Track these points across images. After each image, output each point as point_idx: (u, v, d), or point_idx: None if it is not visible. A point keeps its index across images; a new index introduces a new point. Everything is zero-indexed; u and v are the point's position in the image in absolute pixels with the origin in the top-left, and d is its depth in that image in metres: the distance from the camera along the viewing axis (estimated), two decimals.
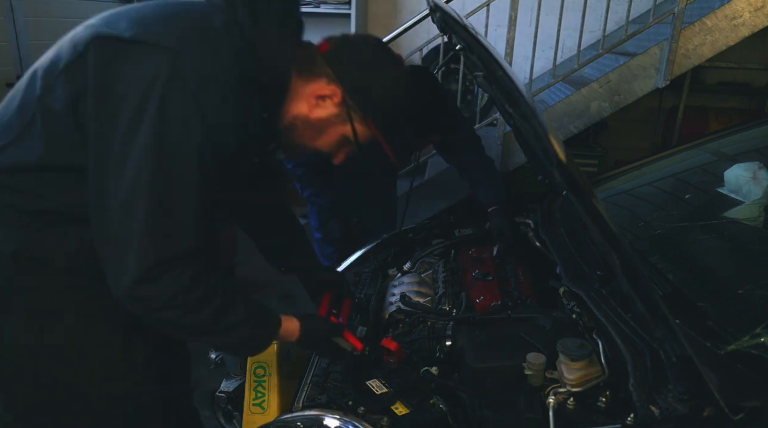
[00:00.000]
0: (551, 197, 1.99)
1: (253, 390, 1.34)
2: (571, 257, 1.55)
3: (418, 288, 1.72)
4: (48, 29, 3.65)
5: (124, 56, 0.97)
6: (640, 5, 3.89)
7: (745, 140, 2.09)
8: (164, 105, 0.94)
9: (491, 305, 1.55)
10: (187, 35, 1.00)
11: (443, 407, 1.22)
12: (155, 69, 0.95)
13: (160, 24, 1.00)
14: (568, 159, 0.86)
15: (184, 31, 1.00)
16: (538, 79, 4.03)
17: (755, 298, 1.29)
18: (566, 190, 0.99)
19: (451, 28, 1.38)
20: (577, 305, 1.34)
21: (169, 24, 1.01)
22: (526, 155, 1.76)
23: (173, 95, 0.95)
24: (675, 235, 1.70)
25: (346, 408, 1.22)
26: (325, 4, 4.32)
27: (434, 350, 1.36)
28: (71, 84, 0.98)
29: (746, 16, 3.06)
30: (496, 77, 1.07)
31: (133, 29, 0.98)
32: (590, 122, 3.37)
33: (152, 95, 0.94)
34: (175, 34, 0.99)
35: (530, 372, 1.16)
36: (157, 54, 0.96)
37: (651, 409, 1.01)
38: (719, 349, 1.08)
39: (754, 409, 0.95)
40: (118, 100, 0.95)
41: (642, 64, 3.18)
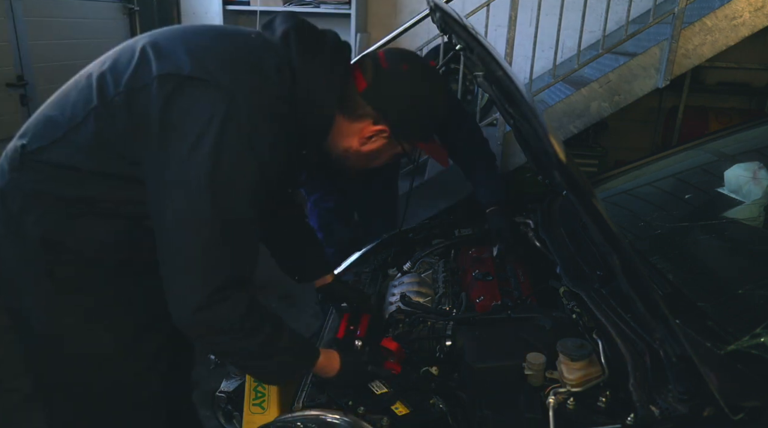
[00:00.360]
0: (551, 197, 1.99)
1: (253, 390, 1.34)
2: (571, 257, 1.55)
3: (418, 288, 1.72)
4: (48, 29, 3.65)
5: (183, 91, 1.02)
6: (640, 5, 3.89)
7: (745, 140, 2.09)
8: (221, 142, 1.00)
9: (491, 305, 1.55)
10: (244, 77, 1.05)
11: (443, 407, 1.22)
12: (212, 107, 1.00)
13: (218, 62, 1.05)
14: (568, 159, 0.86)
15: (240, 71, 1.06)
16: (538, 79, 4.03)
17: (755, 298, 1.29)
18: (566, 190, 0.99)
19: (451, 28, 1.37)
20: (577, 305, 1.34)
21: (226, 62, 1.06)
22: (526, 155, 1.76)
23: (229, 134, 1.00)
24: (675, 235, 1.70)
25: (346, 408, 1.22)
26: (325, 4, 4.32)
27: (434, 350, 1.36)
28: (130, 109, 1.04)
29: (746, 16, 3.06)
30: (496, 77, 1.07)
31: (192, 66, 1.03)
32: (590, 122, 3.36)
33: (209, 132, 0.99)
34: (232, 73, 1.04)
35: (530, 372, 1.16)
36: (214, 92, 1.01)
37: (651, 409, 1.01)
38: (719, 349, 1.08)
39: (754, 409, 0.95)
40: (176, 133, 1.01)
41: (642, 64, 3.18)
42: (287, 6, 4.39)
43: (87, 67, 1.15)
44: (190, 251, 1.01)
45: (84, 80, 1.11)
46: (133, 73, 1.05)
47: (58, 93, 1.15)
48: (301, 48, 1.12)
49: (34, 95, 3.50)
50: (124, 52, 1.11)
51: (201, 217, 1.00)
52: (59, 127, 1.08)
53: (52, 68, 3.68)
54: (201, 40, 1.11)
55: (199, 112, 1.01)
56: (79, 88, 1.10)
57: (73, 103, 1.09)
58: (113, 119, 1.05)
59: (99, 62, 1.13)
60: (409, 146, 1.27)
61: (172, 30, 1.14)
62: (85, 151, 1.07)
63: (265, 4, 4.37)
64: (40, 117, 1.14)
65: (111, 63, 1.09)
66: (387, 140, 1.23)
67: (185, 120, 1.01)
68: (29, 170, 1.09)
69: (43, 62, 3.60)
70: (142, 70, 1.05)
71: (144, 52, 1.07)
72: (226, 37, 1.13)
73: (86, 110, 1.06)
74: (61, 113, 1.09)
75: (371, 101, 1.19)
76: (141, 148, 1.04)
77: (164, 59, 1.05)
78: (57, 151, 1.07)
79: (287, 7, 4.39)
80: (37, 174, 1.09)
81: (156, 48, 1.07)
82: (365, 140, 1.22)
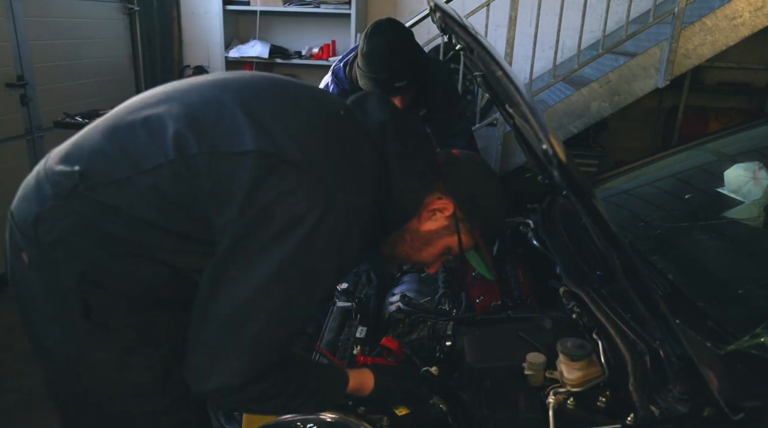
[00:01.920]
0: (551, 197, 1.99)
1: None
2: (571, 257, 1.55)
3: (418, 288, 1.72)
4: (48, 29, 3.65)
5: (281, 175, 0.96)
6: (640, 5, 3.90)
7: (745, 140, 2.09)
8: (310, 238, 0.95)
9: (491, 305, 1.55)
10: (342, 171, 1.01)
11: (443, 407, 1.22)
12: (310, 201, 0.96)
13: (317, 150, 1.01)
14: (568, 159, 0.86)
15: (339, 165, 1.02)
16: (538, 79, 4.03)
17: (755, 298, 1.30)
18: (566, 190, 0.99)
19: (451, 28, 1.37)
20: (577, 305, 1.34)
21: (325, 152, 1.02)
22: (526, 155, 1.76)
23: (321, 231, 0.96)
24: (675, 235, 1.70)
25: (346, 408, 1.22)
26: (325, 4, 4.31)
27: (434, 350, 1.36)
28: (212, 173, 0.97)
29: (746, 16, 3.06)
30: (496, 77, 1.07)
31: (292, 151, 0.98)
32: (590, 122, 3.37)
33: (301, 225, 0.95)
34: (331, 166, 1.00)
35: (530, 372, 1.16)
36: (314, 185, 0.97)
37: (651, 409, 1.01)
38: (719, 349, 1.09)
39: (754, 409, 0.96)
40: (264, 216, 0.95)
41: (642, 64, 3.18)
42: (287, 6, 4.39)
43: (153, 102, 1.06)
44: (239, 338, 0.95)
45: (155, 122, 1.02)
46: (223, 137, 0.99)
47: (117, 123, 1.06)
48: (399, 145, 1.09)
49: (34, 95, 3.50)
50: (208, 104, 1.03)
51: (264, 309, 0.95)
52: (121, 168, 1.00)
53: (52, 68, 3.68)
54: (296, 115, 1.05)
55: (294, 202, 0.95)
56: (151, 130, 1.01)
57: (143, 147, 1.00)
58: (189, 178, 0.98)
59: (174, 107, 1.04)
60: (466, 237, 1.21)
61: (259, 89, 1.08)
62: (149, 200, 0.99)
63: (265, 4, 4.37)
64: (95, 147, 1.04)
65: (191, 113, 1.02)
66: (448, 221, 1.19)
67: (276, 207, 0.95)
68: (78, 202, 1.00)
69: (43, 62, 3.60)
70: (234, 136, 0.98)
71: (234, 114, 1.00)
72: (319, 114, 1.08)
73: (159, 159, 0.99)
74: (125, 155, 1.01)
75: (444, 176, 1.17)
76: (216, 214, 0.98)
77: (261, 133, 0.98)
78: (115, 193, 1.00)
79: (287, 8, 4.39)
80: (85, 208, 1.00)
81: (249, 113, 1.00)
82: (428, 216, 1.18)
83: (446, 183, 1.18)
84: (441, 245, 1.22)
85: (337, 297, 1.76)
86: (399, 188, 1.10)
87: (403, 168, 1.10)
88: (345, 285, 1.79)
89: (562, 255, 1.57)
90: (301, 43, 4.64)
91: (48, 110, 3.60)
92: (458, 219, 1.19)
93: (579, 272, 1.46)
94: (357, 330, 1.49)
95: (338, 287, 1.79)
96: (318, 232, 0.96)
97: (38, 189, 1.05)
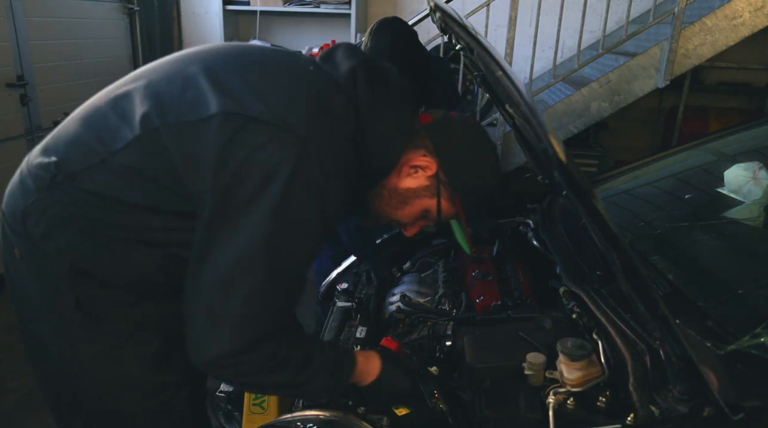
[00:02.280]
0: (551, 197, 1.99)
1: None
2: (571, 257, 1.55)
3: (418, 288, 1.72)
4: (48, 29, 3.65)
5: (249, 133, 0.95)
6: (640, 5, 3.90)
7: (745, 140, 2.09)
8: (287, 192, 0.93)
9: (491, 305, 1.55)
10: (312, 122, 0.98)
11: (443, 407, 1.22)
12: (281, 153, 0.94)
13: (285, 104, 0.99)
14: (568, 159, 0.86)
15: (308, 116, 0.99)
16: (538, 79, 4.03)
17: (755, 298, 1.29)
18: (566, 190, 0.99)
19: (451, 28, 1.37)
20: (577, 305, 1.34)
21: (292, 105, 0.99)
22: (526, 155, 1.76)
23: (298, 183, 0.94)
24: (675, 235, 1.70)
25: (346, 408, 1.22)
26: (325, 4, 4.32)
27: (434, 350, 1.36)
28: (180, 143, 0.97)
29: (746, 16, 3.06)
30: (496, 77, 1.07)
31: (259, 107, 0.96)
32: (590, 122, 3.37)
33: (276, 180, 0.93)
34: (299, 118, 0.97)
35: (530, 372, 1.16)
36: (283, 137, 0.95)
37: (651, 409, 1.01)
38: (719, 349, 1.08)
39: (754, 409, 0.95)
40: (238, 177, 0.94)
41: (642, 64, 3.19)
42: (287, 6, 4.39)
43: (122, 85, 1.06)
44: (230, 303, 0.94)
45: (124, 103, 1.02)
46: (187, 106, 0.98)
47: (90, 110, 1.07)
48: (369, 88, 1.06)
49: (34, 95, 3.50)
50: (173, 77, 1.02)
51: (251, 270, 0.94)
52: (95, 152, 1.00)
53: (52, 68, 3.68)
54: (262, 76, 1.03)
55: (265, 157, 0.93)
56: (119, 112, 1.02)
57: (113, 128, 1.00)
58: (160, 152, 0.97)
59: (140, 85, 1.04)
60: (446, 203, 1.17)
61: (224, 55, 1.06)
62: (125, 180, 0.99)
63: (264, 4, 4.38)
64: (70, 136, 1.05)
65: (156, 88, 1.02)
66: (429, 181, 1.15)
67: (248, 167, 0.94)
68: (59, 192, 1.00)
69: (43, 62, 3.60)
70: (198, 103, 0.97)
71: (198, 82, 0.99)
72: (286, 71, 1.05)
73: (127, 137, 0.98)
74: (97, 138, 1.01)
75: (432, 133, 1.14)
76: (191, 184, 0.98)
77: (225, 94, 0.97)
78: (93, 178, 0.99)
79: (287, 8, 4.39)
80: (67, 197, 1.00)
81: (213, 79, 0.99)
82: (408, 171, 1.14)
83: (433, 141, 1.14)
84: (419, 206, 1.18)
85: (337, 297, 1.76)
86: (374, 134, 1.06)
87: (377, 112, 1.06)
88: (345, 285, 1.79)
89: (562, 255, 1.57)
90: (300, 43, 4.64)
91: (48, 110, 3.60)
92: (440, 181, 1.15)
93: (579, 272, 1.46)
94: (357, 330, 1.49)
95: (338, 286, 1.79)
96: (294, 184, 0.94)
97: (22, 184, 1.05)
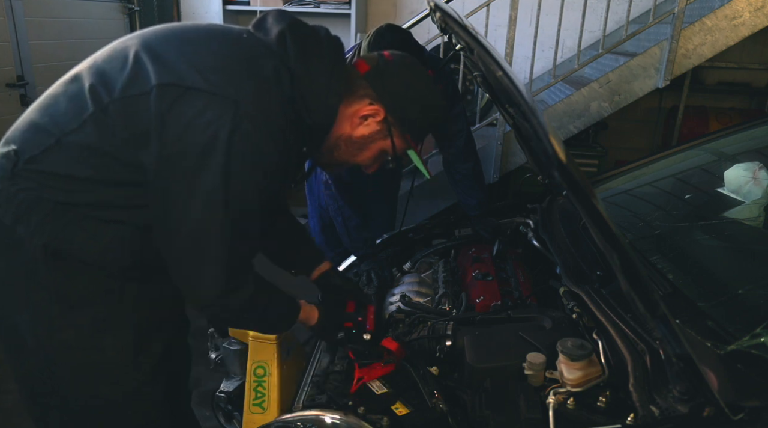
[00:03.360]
0: (551, 197, 1.99)
1: (253, 390, 1.34)
2: (571, 257, 1.55)
3: (418, 288, 1.72)
4: (48, 29, 3.65)
5: (186, 102, 1.01)
6: (640, 5, 3.90)
7: (745, 140, 2.09)
8: (229, 154, 1.00)
9: (491, 305, 1.55)
10: (244, 86, 1.04)
11: (443, 407, 1.22)
12: (218, 119, 1.00)
13: (219, 72, 1.04)
14: (568, 159, 0.86)
15: (240, 81, 1.05)
16: (538, 79, 4.03)
17: (755, 298, 1.29)
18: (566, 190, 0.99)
19: (451, 28, 1.37)
20: (577, 305, 1.34)
21: (225, 72, 1.05)
22: (526, 155, 1.76)
23: (237, 145, 1.01)
24: (675, 235, 1.70)
25: (346, 408, 1.22)
26: (325, 4, 4.32)
27: (434, 350, 1.36)
28: (127, 117, 1.03)
29: (746, 16, 3.06)
30: (496, 77, 1.07)
31: (193, 76, 1.02)
32: (590, 122, 3.37)
33: (217, 143, 1.00)
34: (233, 83, 1.03)
35: (530, 372, 1.16)
36: (217, 103, 1.01)
37: (651, 409, 1.01)
38: (719, 349, 1.08)
39: (754, 409, 0.95)
40: (180, 145, 1.01)
41: (642, 64, 3.19)
42: (287, 6, 4.39)
43: (72, 71, 1.12)
44: (210, 251, 1.05)
45: (73, 86, 1.08)
46: (129, 80, 1.03)
47: (45, 98, 1.12)
48: (298, 48, 1.11)
49: (34, 95, 3.49)
50: (115, 56, 1.08)
51: (216, 225, 1.04)
52: (50, 134, 1.05)
53: (52, 68, 3.68)
54: (196, 47, 1.09)
55: (203, 124, 1.00)
56: (70, 94, 1.07)
57: (65, 110, 1.06)
58: (110, 126, 1.03)
59: (86, 66, 1.10)
60: (399, 140, 1.24)
61: (162, 32, 1.12)
62: (82, 158, 1.05)
63: (264, 4, 4.38)
64: (27, 123, 1.10)
65: (101, 67, 1.07)
66: (379, 125, 1.22)
67: (189, 133, 1.00)
68: (21, 178, 1.06)
69: (43, 62, 3.60)
70: (139, 77, 1.03)
71: (138, 57, 1.05)
72: (219, 41, 1.11)
73: (82, 117, 1.04)
74: (51, 120, 1.06)
75: (372, 81, 1.19)
76: (141, 155, 1.03)
77: (162, 67, 1.03)
78: (50, 159, 1.05)
79: (287, 7, 4.39)
80: (30, 182, 1.06)
81: (151, 54, 1.05)
82: (359, 121, 1.21)
83: (374, 88, 1.19)
84: (375, 148, 1.26)
85: None
86: (310, 93, 1.12)
87: (310, 71, 1.11)
88: None
89: (562, 255, 1.57)
90: None
91: None
92: (390, 123, 1.22)
93: (579, 272, 1.46)
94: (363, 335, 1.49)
95: None
96: (234, 144, 1.00)
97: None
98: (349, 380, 1.31)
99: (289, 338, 1.39)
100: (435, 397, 1.22)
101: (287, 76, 1.10)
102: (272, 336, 1.33)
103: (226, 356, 1.46)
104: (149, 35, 1.11)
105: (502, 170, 3.44)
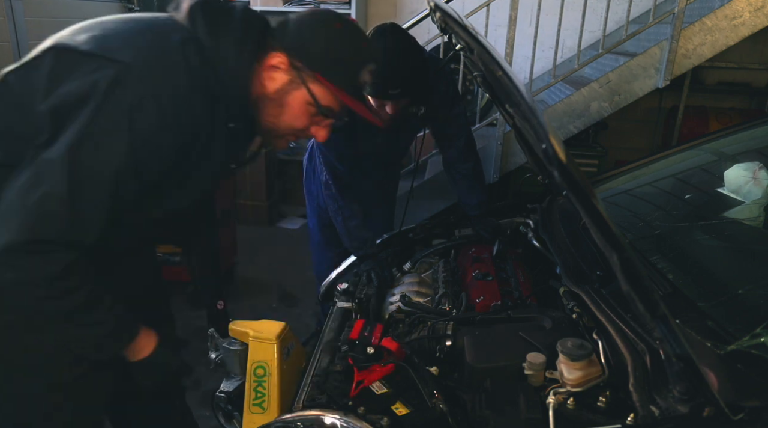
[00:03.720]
0: (551, 197, 1.99)
1: (253, 390, 1.34)
2: (571, 257, 1.55)
3: (418, 288, 1.72)
4: (48, 29, 3.64)
5: (78, 66, 1.04)
6: (640, 5, 3.90)
7: (745, 140, 2.09)
8: (97, 113, 1.01)
9: (491, 305, 1.55)
10: (141, 52, 1.06)
11: (443, 407, 1.22)
12: (99, 78, 1.01)
13: (119, 40, 1.08)
14: (568, 159, 0.86)
15: (139, 48, 1.06)
16: (538, 79, 4.03)
17: (755, 298, 1.29)
18: (566, 190, 0.99)
19: (451, 28, 1.38)
20: (577, 305, 1.34)
21: (126, 40, 1.08)
22: (526, 155, 1.76)
23: (109, 105, 1.01)
24: (675, 235, 1.70)
25: (346, 408, 1.22)
26: (324, 4, 4.32)
27: (434, 350, 1.36)
28: (25, 79, 1.07)
29: (746, 16, 3.06)
30: (496, 77, 1.07)
31: (91, 43, 1.06)
32: (590, 122, 3.37)
33: (91, 98, 1.01)
34: (130, 49, 1.05)
35: (530, 372, 1.16)
36: (105, 64, 1.03)
37: (651, 409, 1.01)
38: (719, 349, 1.08)
39: (754, 409, 0.96)
40: (63, 100, 1.02)
41: (642, 64, 3.18)
42: (287, 6, 4.39)
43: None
44: (26, 200, 0.99)
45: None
46: (29, 57, 1.09)
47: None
48: (207, 21, 1.11)
49: None
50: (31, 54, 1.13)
51: (52, 175, 0.99)
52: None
53: None
54: (106, 24, 1.12)
55: (85, 82, 1.02)
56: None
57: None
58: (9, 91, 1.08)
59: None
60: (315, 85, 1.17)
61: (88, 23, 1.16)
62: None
63: (264, 4, 4.37)
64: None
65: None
66: (289, 74, 1.16)
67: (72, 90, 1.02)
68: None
69: None
70: (39, 50, 1.09)
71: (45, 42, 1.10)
72: (132, 20, 1.14)
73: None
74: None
75: (274, 33, 1.17)
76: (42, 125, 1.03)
77: (60, 37, 1.08)
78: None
79: (287, 8, 4.39)
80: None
81: (56, 36, 1.11)
82: (268, 75, 1.16)
83: (277, 39, 1.17)
84: (296, 102, 1.19)
85: (337, 297, 1.76)
86: (219, 62, 1.11)
87: (219, 43, 1.11)
88: (345, 285, 1.79)
89: (562, 255, 1.57)
90: None
91: None
92: (298, 68, 1.16)
93: (579, 272, 1.46)
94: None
95: (338, 286, 1.79)
96: (106, 104, 1.00)
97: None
98: (349, 380, 1.31)
99: (289, 338, 1.39)
100: (435, 397, 1.22)
101: (194, 47, 1.09)
102: (272, 336, 1.33)
103: (226, 356, 1.46)
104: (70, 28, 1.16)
105: (502, 170, 3.43)
